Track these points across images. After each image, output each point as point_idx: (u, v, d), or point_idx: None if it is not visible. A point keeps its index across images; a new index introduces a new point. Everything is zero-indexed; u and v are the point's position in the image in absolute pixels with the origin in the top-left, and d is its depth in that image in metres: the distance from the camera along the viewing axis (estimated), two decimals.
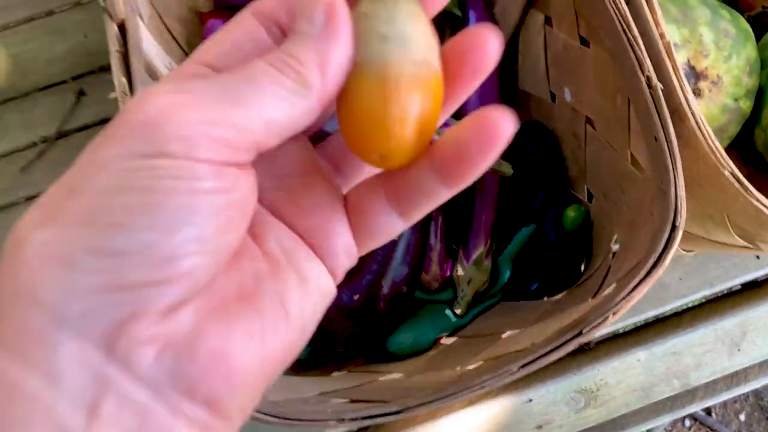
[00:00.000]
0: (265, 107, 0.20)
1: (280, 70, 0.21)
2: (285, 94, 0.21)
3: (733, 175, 0.38)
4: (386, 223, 0.25)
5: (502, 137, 0.22)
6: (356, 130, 0.22)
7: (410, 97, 0.22)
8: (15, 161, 0.68)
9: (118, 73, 0.40)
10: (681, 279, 0.57)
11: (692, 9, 0.51)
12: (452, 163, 0.23)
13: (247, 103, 0.20)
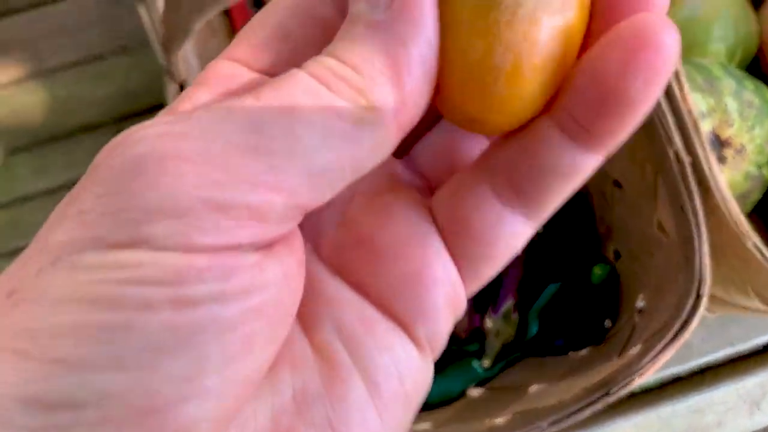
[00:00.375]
0: (309, 153, 0.14)
1: (329, 88, 0.14)
2: (341, 128, 0.14)
3: (755, 247, 0.40)
4: (505, 230, 0.16)
5: (666, 47, 0.14)
6: (444, 74, 0.15)
7: (531, 35, 0.14)
8: (56, 199, 0.70)
9: None
10: (704, 339, 0.59)
11: (718, 79, 0.53)
12: (594, 107, 0.14)
13: (281, 149, 0.13)
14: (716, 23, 0.59)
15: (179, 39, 0.40)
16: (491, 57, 0.14)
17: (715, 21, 0.59)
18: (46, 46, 0.72)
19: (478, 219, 0.16)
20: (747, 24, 0.59)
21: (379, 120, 0.14)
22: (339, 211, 0.17)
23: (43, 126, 0.72)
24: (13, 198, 0.71)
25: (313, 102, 0.14)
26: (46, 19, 0.72)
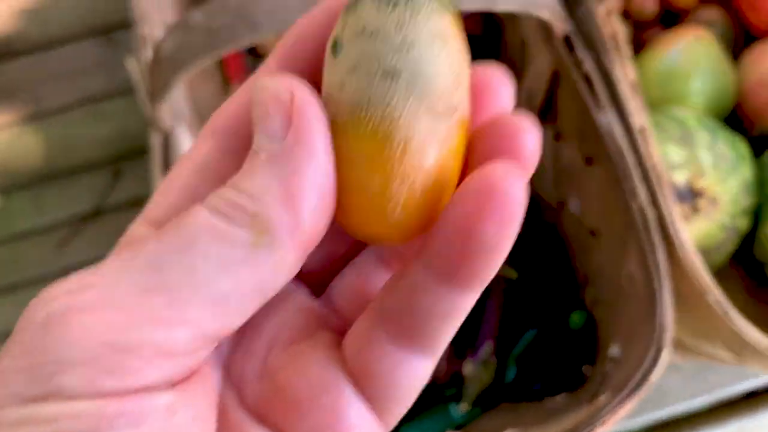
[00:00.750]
0: (209, 283, 0.15)
1: (227, 218, 0.15)
2: (237, 254, 0.15)
3: (716, 302, 0.40)
4: (405, 372, 0.17)
5: (512, 198, 0.15)
6: (345, 198, 0.17)
7: (422, 166, 0.16)
8: (52, 236, 0.72)
9: (159, 179, 0.44)
10: (681, 385, 0.59)
11: (693, 131, 0.54)
12: (457, 250, 0.16)
13: (180, 283, 0.15)
14: (695, 75, 0.60)
15: (162, 92, 0.42)
16: (388, 188, 0.16)
17: (694, 73, 0.60)
18: (46, 89, 0.74)
19: (378, 365, 0.17)
20: (725, 76, 0.61)
21: (276, 242, 0.15)
22: (261, 359, 0.18)
23: (43, 165, 0.74)
24: (12, 234, 0.72)
25: (209, 233, 0.15)
26: (47, 63, 0.74)
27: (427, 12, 0.16)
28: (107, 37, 0.75)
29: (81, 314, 0.14)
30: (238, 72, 0.68)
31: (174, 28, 0.40)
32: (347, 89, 0.16)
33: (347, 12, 0.16)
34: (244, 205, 0.15)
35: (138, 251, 0.15)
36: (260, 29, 0.38)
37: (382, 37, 0.16)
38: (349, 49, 0.16)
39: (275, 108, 0.16)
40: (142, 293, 0.15)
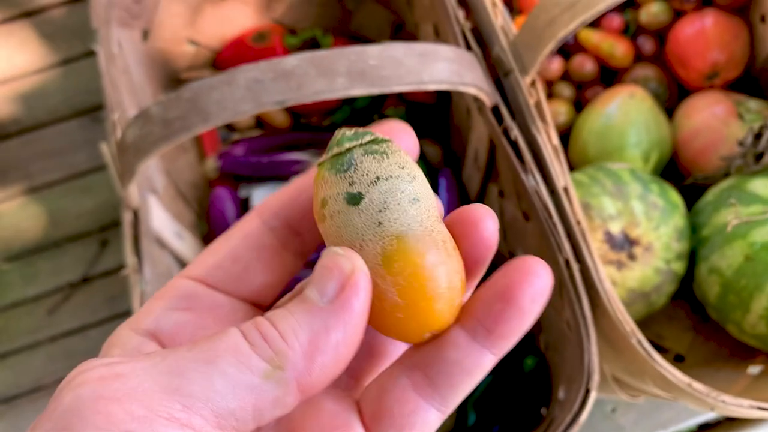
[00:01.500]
0: (219, 398, 0.17)
1: (252, 345, 0.18)
2: (249, 380, 0.17)
3: (639, 343, 0.44)
4: (420, 419, 0.20)
5: (542, 278, 0.20)
6: (378, 318, 0.20)
7: (437, 266, 0.20)
8: (43, 304, 0.77)
9: (130, 253, 0.49)
10: (636, 422, 0.62)
11: (626, 184, 0.59)
12: (497, 314, 0.20)
13: (196, 393, 0.17)
14: (630, 129, 0.65)
15: (128, 176, 0.46)
16: (415, 299, 0.20)
17: (629, 128, 0.65)
18: (35, 166, 0.80)
19: (398, 408, 0.20)
20: (660, 130, 0.66)
21: (283, 380, 0.18)
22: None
23: (33, 237, 0.78)
24: (3, 305, 0.77)
25: (233, 356, 0.17)
26: (36, 142, 0.80)
27: (371, 160, 0.20)
28: (91, 116, 0.80)
29: (109, 402, 0.16)
30: (212, 145, 0.73)
31: (135, 119, 0.45)
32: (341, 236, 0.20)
33: (315, 179, 0.21)
34: (273, 340, 0.18)
35: (167, 355, 0.17)
36: (211, 119, 0.43)
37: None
38: (332, 206, 0.20)
39: (337, 274, 0.19)
40: (163, 393, 0.17)
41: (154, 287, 0.50)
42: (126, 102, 0.58)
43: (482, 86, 0.49)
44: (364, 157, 0.20)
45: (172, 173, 0.70)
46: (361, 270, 0.19)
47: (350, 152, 0.20)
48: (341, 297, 0.18)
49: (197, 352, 0.17)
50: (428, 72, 0.46)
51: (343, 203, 0.20)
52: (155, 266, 0.52)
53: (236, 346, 0.18)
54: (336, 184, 0.20)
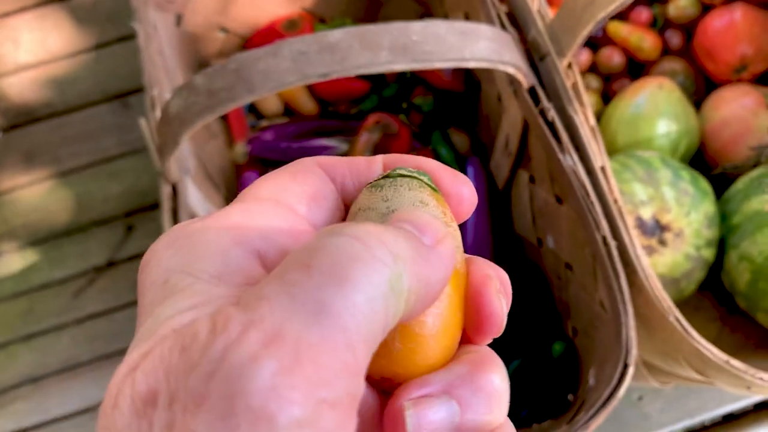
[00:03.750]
0: (362, 318, 0.16)
1: (371, 250, 0.16)
2: (381, 289, 0.16)
3: (676, 320, 0.44)
4: None
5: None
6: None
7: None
8: (68, 287, 0.77)
9: (168, 226, 0.49)
10: (662, 410, 0.62)
11: (656, 170, 0.59)
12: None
13: (345, 322, 0.15)
14: (659, 120, 0.65)
15: (170, 147, 0.47)
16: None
17: (658, 118, 0.65)
18: (64, 151, 0.80)
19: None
20: (688, 121, 0.66)
21: (403, 292, 0.17)
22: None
23: (60, 221, 0.79)
24: (30, 287, 0.77)
25: (361, 264, 0.16)
26: (65, 126, 0.81)
27: (408, 188, 0.21)
28: (120, 101, 0.81)
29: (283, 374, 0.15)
30: (240, 131, 0.74)
31: (179, 90, 0.45)
32: None
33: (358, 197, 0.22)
34: (391, 243, 0.17)
35: (295, 285, 0.16)
36: (256, 90, 0.44)
37: (373, 210, 0.20)
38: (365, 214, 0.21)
39: (435, 228, 0.18)
40: (321, 339, 0.15)
41: None
42: (164, 81, 0.58)
43: (521, 66, 0.49)
44: (403, 184, 0.21)
45: (201, 157, 0.70)
46: (449, 234, 0.19)
47: (394, 179, 0.21)
48: (440, 246, 0.18)
49: (322, 274, 0.16)
50: (469, 49, 0.46)
51: (375, 214, 0.20)
52: None
53: (357, 254, 0.16)
54: (373, 197, 0.21)
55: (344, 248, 0.16)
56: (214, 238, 0.18)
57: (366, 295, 0.16)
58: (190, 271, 0.17)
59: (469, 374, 0.19)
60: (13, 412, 0.72)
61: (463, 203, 0.22)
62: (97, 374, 0.73)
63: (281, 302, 0.15)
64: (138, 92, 0.80)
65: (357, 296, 0.16)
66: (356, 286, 0.16)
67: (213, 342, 0.15)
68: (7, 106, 0.81)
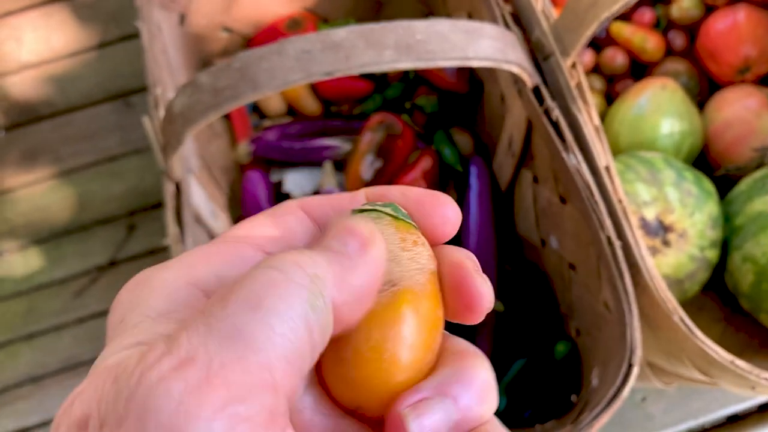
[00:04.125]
0: (281, 339, 0.17)
1: (287, 275, 0.17)
2: (300, 310, 0.17)
3: (681, 320, 0.44)
4: None
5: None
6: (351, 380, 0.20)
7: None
8: (70, 286, 0.77)
9: (172, 223, 0.49)
10: (666, 410, 0.62)
11: (659, 171, 0.59)
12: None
13: (260, 347, 0.16)
14: (662, 121, 0.65)
15: (174, 146, 0.47)
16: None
17: (662, 119, 0.65)
18: (66, 150, 0.80)
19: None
20: (692, 121, 0.66)
21: (326, 307, 0.18)
22: None
23: (61, 220, 0.79)
24: (31, 286, 0.77)
25: (275, 290, 0.17)
26: (68, 125, 0.81)
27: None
28: (123, 100, 0.81)
29: (189, 395, 0.16)
30: (243, 130, 0.74)
31: (183, 88, 0.45)
32: None
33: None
34: (307, 265, 0.18)
35: (212, 316, 0.17)
36: (260, 88, 0.43)
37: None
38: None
39: (358, 234, 0.19)
40: (238, 364, 0.16)
41: None
42: (167, 81, 0.58)
43: (525, 65, 0.49)
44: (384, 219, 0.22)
45: (204, 158, 0.70)
46: (377, 231, 0.20)
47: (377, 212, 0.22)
48: (363, 249, 0.19)
49: (238, 302, 0.17)
50: (473, 48, 0.46)
51: None
52: (195, 240, 0.52)
53: (272, 281, 0.17)
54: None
55: (261, 277, 0.17)
56: (169, 278, 0.19)
57: (282, 317, 0.17)
58: (141, 310, 0.18)
59: (457, 373, 0.20)
60: (14, 412, 0.72)
61: (448, 224, 0.23)
62: None
63: (198, 330, 0.17)
64: (141, 92, 0.80)
65: (272, 319, 0.17)
66: (270, 310, 0.17)
67: (135, 369, 0.16)
68: (10, 104, 0.81)
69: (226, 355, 0.16)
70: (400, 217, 0.22)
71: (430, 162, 0.65)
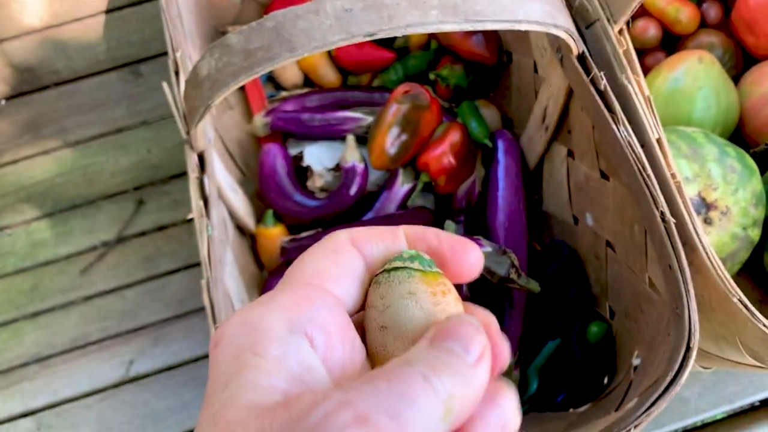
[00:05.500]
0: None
1: (432, 385, 0.20)
2: (435, 418, 0.19)
3: (741, 302, 0.42)
4: None
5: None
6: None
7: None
8: (76, 263, 0.74)
9: (196, 196, 0.46)
10: (700, 394, 0.60)
11: (701, 146, 0.56)
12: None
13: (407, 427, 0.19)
14: (699, 95, 0.62)
15: (199, 113, 0.44)
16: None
17: (698, 93, 0.63)
18: (71, 120, 0.77)
19: None
20: (728, 96, 0.63)
21: (450, 424, 0.20)
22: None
23: (67, 194, 0.76)
24: (36, 263, 0.74)
25: (422, 391, 0.20)
26: (73, 94, 0.77)
27: (399, 281, 0.24)
28: (131, 69, 0.77)
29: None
30: (259, 102, 0.70)
31: (211, 49, 0.42)
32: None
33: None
34: (447, 384, 0.20)
35: (381, 391, 0.19)
36: (297, 49, 0.40)
37: (374, 308, 0.24)
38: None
39: (479, 340, 0.21)
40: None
41: (220, 233, 0.48)
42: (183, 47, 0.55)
43: (572, 31, 0.46)
44: (394, 278, 0.24)
45: (219, 130, 0.67)
46: (505, 348, 0.23)
47: (389, 273, 0.25)
48: (480, 363, 0.21)
49: (390, 384, 0.19)
50: (523, 10, 0.43)
51: (376, 312, 0.24)
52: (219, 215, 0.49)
53: (423, 386, 0.20)
54: (374, 295, 0.25)
55: (412, 373, 0.20)
56: (272, 325, 0.22)
57: (421, 420, 0.19)
58: (256, 351, 0.21)
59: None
60: (19, 393, 0.69)
61: (474, 270, 0.25)
62: (107, 354, 0.70)
63: (369, 396, 0.19)
64: (150, 59, 0.77)
65: (412, 416, 0.19)
66: (416, 410, 0.19)
67: (314, 408, 0.19)
68: (11, 72, 0.77)
69: (386, 426, 0.18)
70: (427, 270, 0.24)
71: (459, 135, 0.62)
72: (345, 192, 0.63)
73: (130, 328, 0.71)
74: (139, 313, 0.71)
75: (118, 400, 0.68)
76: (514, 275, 0.54)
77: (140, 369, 0.69)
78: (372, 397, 0.19)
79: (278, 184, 0.64)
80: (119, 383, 0.69)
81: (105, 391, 0.69)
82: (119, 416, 0.67)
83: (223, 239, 0.51)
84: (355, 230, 0.26)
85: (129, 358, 0.70)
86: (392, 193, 0.63)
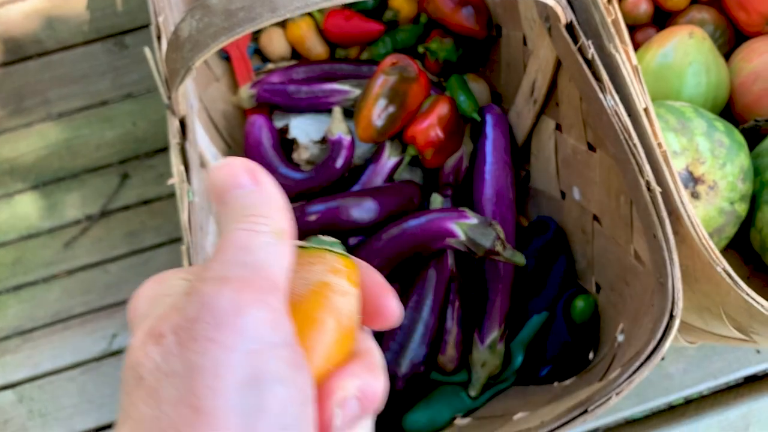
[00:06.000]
0: (266, 266, 0.22)
1: (252, 225, 0.23)
2: (265, 239, 0.23)
3: (725, 271, 0.42)
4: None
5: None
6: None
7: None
8: (60, 236, 0.73)
9: (177, 161, 0.45)
10: (685, 370, 0.60)
11: (689, 120, 0.56)
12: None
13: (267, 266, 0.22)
14: (689, 70, 0.62)
15: (180, 75, 0.43)
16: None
17: (688, 68, 0.62)
18: (55, 92, 0.75)
19: None
20: (718, 72, 0.63)
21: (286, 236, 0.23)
22: None
23: (51, 167, 0.75)
24: (19, 236, 0.73)
25: (245, 238, 0.23)
26: (57, 66, 0.76)
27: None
28: (116, 40, 0.76)
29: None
30: (245, 74, 0.69)
31: (192, 10, 0.41)
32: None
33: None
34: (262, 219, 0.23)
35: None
36: (279, 10, 0.40)
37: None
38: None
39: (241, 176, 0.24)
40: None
41: (201, 200, 0.47)
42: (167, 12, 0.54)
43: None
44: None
45: (204, 101, 0.66)
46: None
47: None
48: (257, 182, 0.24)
49: (223, 263, 0.22)
50: None
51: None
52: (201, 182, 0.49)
53: (238, 237, 0.22)
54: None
55: (230, 236, 0.23)
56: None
57: (261, 252, 0.23)
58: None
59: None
60: (1, 366, 0.68)
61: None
62: (89, 327, 0.69)
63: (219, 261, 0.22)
64: (135, 31, 0.75)
65: (256, 253, 0.23)
66: (249, 247, 0.23)
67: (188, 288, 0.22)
68: None
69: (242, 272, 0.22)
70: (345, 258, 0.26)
71: (447, 108, 0.61)
72: (331, 165, 0.62)
73: (113, 302, 0.70)
74: (123, 287, 0.70)
75: (99, 374, 0.67)
76: (499, 247, 0.53)
77: (123, 342, 0.69)
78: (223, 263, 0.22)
79: (263, 156, 0.63)
80: (101, 356, 0.68)
81: (87, 364, 0.68)
82: (101, 389, 0.67)
83: (205, 207, 0.51)
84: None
85: (112, 332, 0.69)
86: (379, 166, 0.62)
